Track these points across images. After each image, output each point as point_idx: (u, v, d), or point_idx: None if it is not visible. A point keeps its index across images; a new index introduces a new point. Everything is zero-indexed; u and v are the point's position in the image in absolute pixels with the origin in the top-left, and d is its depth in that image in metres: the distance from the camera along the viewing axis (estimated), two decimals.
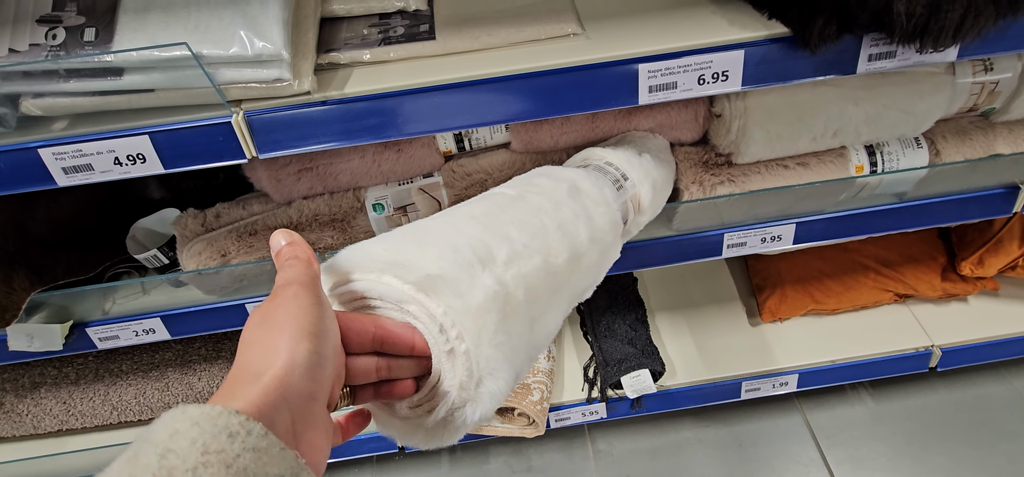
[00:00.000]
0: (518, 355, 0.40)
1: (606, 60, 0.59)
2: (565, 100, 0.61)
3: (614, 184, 0.63)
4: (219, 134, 0.59)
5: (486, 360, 0.37)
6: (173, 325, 0.89)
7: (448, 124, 0.61)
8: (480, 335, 0.37)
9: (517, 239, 0.44)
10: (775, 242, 0.88)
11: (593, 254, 0.51)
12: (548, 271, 0.45)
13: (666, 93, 0.61)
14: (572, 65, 0.59)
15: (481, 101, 0.60)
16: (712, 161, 0.78)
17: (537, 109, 0.61)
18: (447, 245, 0.41)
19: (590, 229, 0.52)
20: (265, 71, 0.55)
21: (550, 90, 0.60)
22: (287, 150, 0.61)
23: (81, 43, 0.53)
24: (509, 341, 0.38)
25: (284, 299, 0.33)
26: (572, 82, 0.60)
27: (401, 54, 0.61)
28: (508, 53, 0.61)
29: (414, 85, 0.59)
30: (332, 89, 0.59)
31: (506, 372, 0.38)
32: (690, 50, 0.59)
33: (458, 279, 0.38)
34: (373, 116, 0.60)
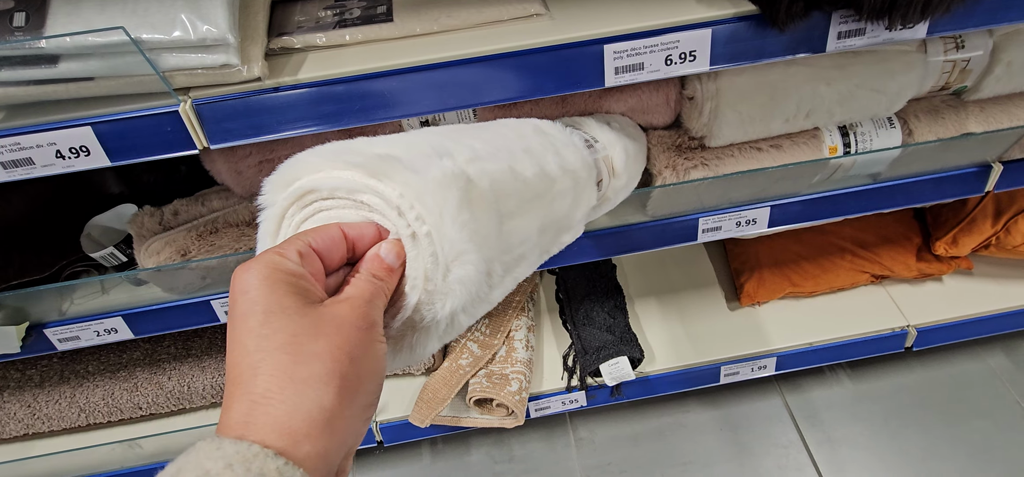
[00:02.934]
0: (488, 244, 0.35)
1: (570, 41, 0.58)
2: (530, 83, 0.59)
3: (584, 142, 0.61)
4: (167, 124, 0.57)
5: (450, 242, 0.33)
6: (136, 324, 0.86)
7: (408, 110, 0.59)
8: (442, 212, 0.33)
9: (479, 148, 0.41)
10: (750, 226, 0.87)
11: (566, 182, 0.48)
12: (515, 177, 0.41)
13: (633, 74, 0.59)
14: (535, 46, 0.57)
15: (442, 85, 0.58)
16: (685, 145, 0.77)
17: (501, 93, 0.59)
18: (402, 141, 0.37)
19: (559, 160, 0.49)
20: (211, 56, 0.52)
21: (514, 73, 0.58)
22: (241, 140, 0.58)
23: (10, 28, 0.49)
24: (474, 223, 0.34)
25: (332, 322, 0.28)
26: (536, 64, 0.58)
27: (358, 37, 0.59)
28: (469, 35, 0.59)
29: (372, 69, 0.57)
30: (285, 75, 0.57)
31: (475, 257, 0.34)
32: (656, 30, 0.58)
33: (412, 160, 0.34)
34: (330, 102, 0.58)
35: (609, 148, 0.64)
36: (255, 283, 0.28)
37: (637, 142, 0.72)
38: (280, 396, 0.26)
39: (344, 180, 0.33)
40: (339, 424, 0.27)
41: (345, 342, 0.28)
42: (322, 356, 0.27)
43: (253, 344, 0.27)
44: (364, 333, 0.29)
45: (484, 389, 1.02)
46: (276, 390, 0.26)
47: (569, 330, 1.14)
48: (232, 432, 0.25)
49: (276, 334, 0.27)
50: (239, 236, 0.76)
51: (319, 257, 0.31)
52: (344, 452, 0.28)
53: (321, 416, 0.26)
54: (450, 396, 1.02)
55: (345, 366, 0.28)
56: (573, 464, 1.17)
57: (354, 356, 0.28)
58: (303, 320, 0.28)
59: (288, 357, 0.27)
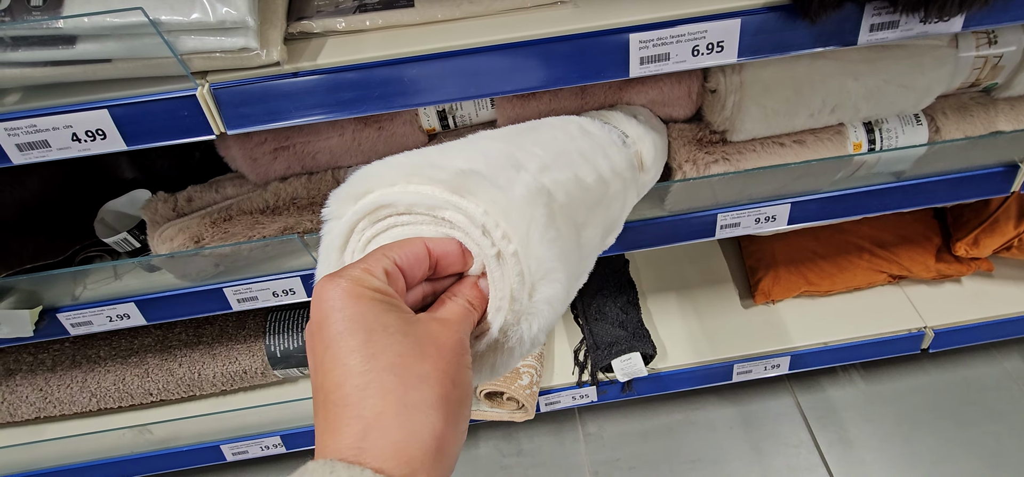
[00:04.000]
0: (570, 259, 0.34)
1: (595, 29, 0.56)
2: (552, 72, 0.58)
3: (620, 139, 0.60)
4: (184, 108, 0.56)
5: (537, 261, 0.31)
6: (149, 310, 0.85)
7: (428, 98, 0.58)
8: (529, 231, 0.31)
9: (543, 155, 0.40)
10: (769, 223, 0.85)
11: (617, 184, 0.47)
12: (581, 185, 0.40)
13: (658, 65, 0.58)
14: (559, 35, 0.56)
15: (463, 73, 0.57)
16: (706, 139, 0.75)
17: (523, 82, 0.58)
18: (476, 151, 0.36)
19: (609, 162, 0.48)
20: (230, 39, 0.51)
21: (537, 61, 0.57)
22: (258, 125, 0.58)
23: (28, 8, 0.49)
24: (560, 240, 0.33)
25: (434, 343, 0.27)
26: (560, 53, 0.57)
27: (377, 22, 0.58)
28: (491, 22, 0.58)
29: (392, 56, 0.56)
30: (304, 60, 0.56)
31: (562, 274, 0.32)
32: (683, 19, 0.56)
33: (495, 175, 0.32)
34: (349, 89, 0.57)
35: (639, 142, 0.63)
36: (349, 300, 0.26)
37: (661, 135, 0.71)
38: (395, 422, 0.24)
39: (424, 196, 0.31)
40: (447, 450, 0.26)
41: (448, 365, 0.27)
42: (430, 379, 0.26)
43: (359, 364, 0.25)
44: (461, 357, 0.28)
45: (495, 382, 1.02)
46: (391, 414, 0.25)
47: (580, 324, 1.13)
48: (344, 456, 0.24)
49: (383, 353, 0.26)
50: (253, 224, 0.75)
51: (403, 274, 0.30)
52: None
53: (434, 443, 0.25)
54: None
55: (449, 389, 0.27)
56: (582, 459, 1.16)
57: (456, 380, 0.27)
58: (407, 340, 0.26)
59: (397, 379, 0.25)
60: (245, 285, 0.84)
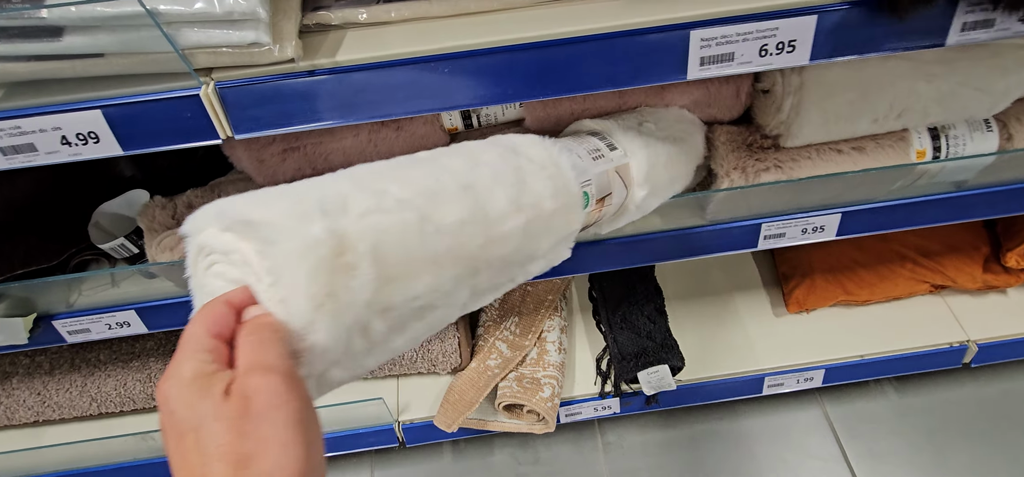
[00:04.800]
0: (352, 310, 0.35)
1: (650, 25, 0.50)
2: (600, 73, 0.51)
3: (592, 153, 0.56)
4: (186, 109, 0.49)
5: (299, 314, 0.33)
6: (150, 318, 0.80)
7: (458, 101, 0.51)
8: (294, 284, 0.33)
9: (392, 195, 0.40)
10: (817, 233, 0.79)
11: (516, 220, 0.45)
12: (423, 230, 0.40)
13: (720, 67, 0.51)
14: (608, 31, 0.49)
15: (498, 73, 0.50)
16: (756, 143, 0.69)
17: (565, 84, 0.51)
18: (293, 195, 0.37)
19: (517, 193, 0.46)
20: (239, 33, 0.45)
21: (582, 62, 0.50)
22: (269, 129, 0.51)
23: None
24: (331, 297, 0.34)
25: (267, 403, 0.28)
26: (608, 52, 0.50)
27: (404, 13, 0.51)
28: (532, 15, 0.51)
29: (420, 53, 0.49)
30: (321, 56, 0.49)
31: (326, 325, 0.33)
32: (752, 14, 0.49)
33: (282, 224, 0.34)
34: (372, 90, 0.50)
35: (629, 155, 0.58)
36: (182, 396, 0.28)
37: (679, 144, 0.64)
38: None
39: (223, 242, 0.34)
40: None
41: (267, 422, 0.28)
42: (256, 454, 0.27)
43: (196, 461, 0.27)
44: (281, 396, 0.29)
45: (515, 394, 0.97)
46: None
47: (603, 332, 1.07)
48: None
49: (209, 447, 0.27)
50: None
51: (220, 337, 0.32)
52: None
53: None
54: (478, 400, 0.97)
55: (280, 436, 0.28)
56: (601, 469, 1.11)
57: (279, 422, 0.28)
58: (221, 424, 0.27)
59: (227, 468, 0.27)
60: None
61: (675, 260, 0.81)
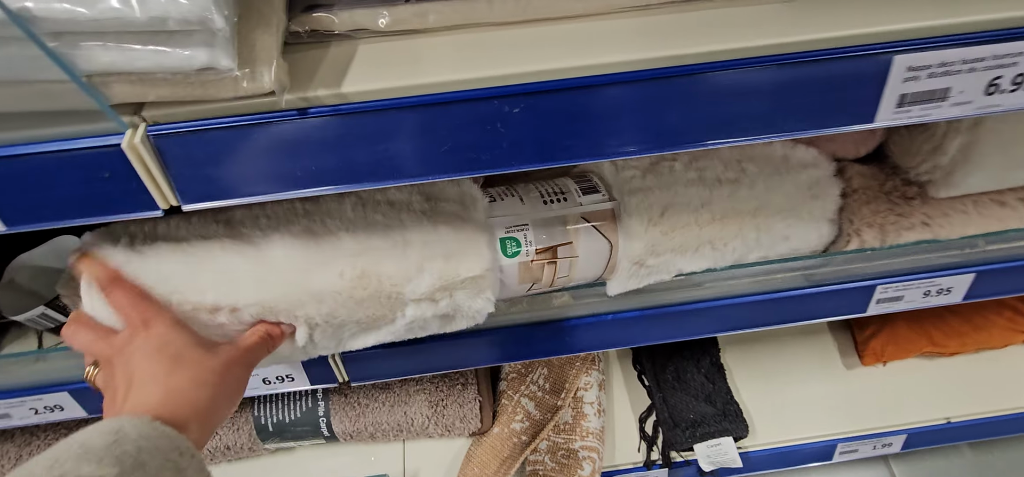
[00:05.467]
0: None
1: (832, 44, 0.32)
2: (752, 115, 0.34)
3: (548, 195, 0.51)
4: (103, 166, 0.31)
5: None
6: (91, 401, 0.62)
7: (541, 155, 0.33)
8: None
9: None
10: (941, 296, 0.63)
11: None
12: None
13: (924, 109, 0.34)
14: (768, 51, 0.32)
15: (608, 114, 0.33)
16: (897, 192, 0.52)
17: (698, 132, 0.34)
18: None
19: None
20: (182, 52, 0.26)
21: (725, 99, 0.33)
22: (236, 197, 0.33)
23: None
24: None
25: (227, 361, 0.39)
26: (765, 83, 0.33)
27: (444, 18, 0.33)
28: (638, 24, 0.33)
29: (475, 82, 0.31)
30: (317, 86, 0.31)
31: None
32: (988, 32, 0.32)
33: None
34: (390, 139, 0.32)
35: (618, 202, 0.50)
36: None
37: (742, 192, 0.51)
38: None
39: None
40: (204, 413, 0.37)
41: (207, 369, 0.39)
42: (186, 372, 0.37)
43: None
44: (227, 364, 0.39)
45: (548, 471, 0.80)
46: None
47: (649, 389, 0.91)
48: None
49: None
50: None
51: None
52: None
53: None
54: (504, 473, 0.80)
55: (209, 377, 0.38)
56: None
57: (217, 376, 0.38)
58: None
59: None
60: None
61: (755, 329, 0.64)
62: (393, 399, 0.84)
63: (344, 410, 0.83)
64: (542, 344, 0.61)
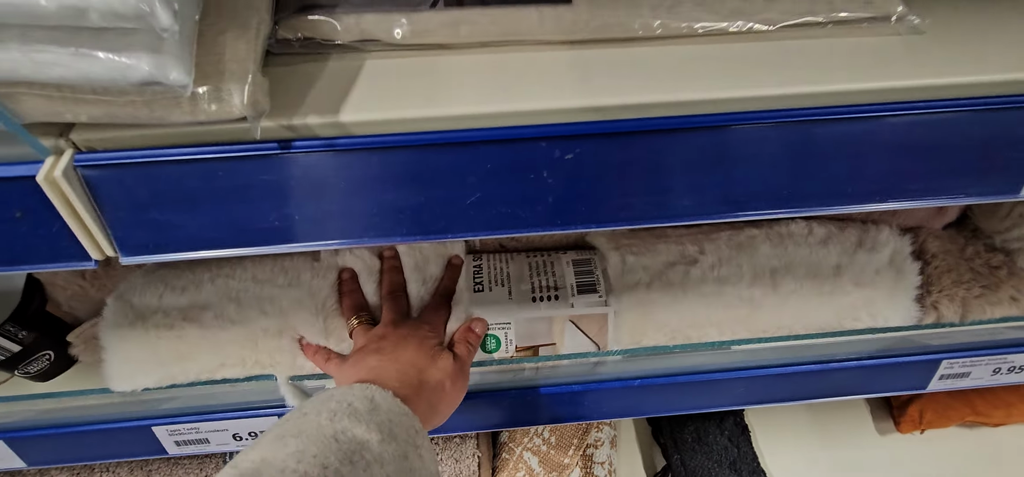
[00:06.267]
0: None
1: (976, 90, 0.25)
2: (863, 175, 0.26)
3: (540, 290, 0.47)
4: (11, 203, 0.23)
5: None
6: (26, 449, 0.53)
7: (590, 216, 0.26)
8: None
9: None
10: (1013, 374, 0.56)
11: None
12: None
13: None
14: (899, 97, 0.24)
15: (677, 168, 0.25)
16: (980, 260, 0.45)
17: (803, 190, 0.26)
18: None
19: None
20: (115, 58, 0.18)
21: (837, 152, 0.25)
22: (185, 252, 0.25)
23: None
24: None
25: (445, 377, 0.41)
26: (891, 137, 0.25)
27: (484, 32, 0.25)
28: (740, 51, 0.26)
29: (531, 117, 0.24)
30: (308, 111, 0.23)
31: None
32: None
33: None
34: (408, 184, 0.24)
35: (612, 307, 0.46)
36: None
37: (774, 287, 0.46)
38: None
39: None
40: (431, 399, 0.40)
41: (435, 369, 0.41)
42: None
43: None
44: (451, 373, 0.42)
45: None
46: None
47: (664, 445, 0.82)
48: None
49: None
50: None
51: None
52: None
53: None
54: None
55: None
56: None
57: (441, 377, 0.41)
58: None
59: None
60: (188, 423, 0.51)
61: (814, 400, 0.57)
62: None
63: None
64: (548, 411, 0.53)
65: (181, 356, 0.44)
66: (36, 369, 0.52)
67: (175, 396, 0.50)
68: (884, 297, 0.45)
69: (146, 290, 0.45)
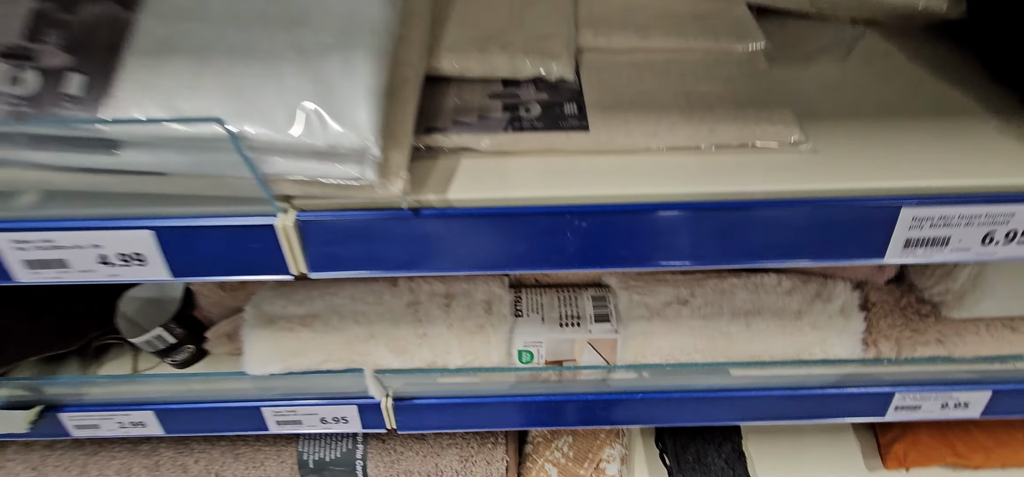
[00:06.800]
0: None
1: (849, 193, 0.39)
2: (775, 245, 0.40)
3: (564, 318, 0.61)
4: (255, 239, 0.40)
5: None
6: (169, 421, 0.69)
7: (597, 262, 0.41)
8: None
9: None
10: (959, 409, 0.66)
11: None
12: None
13: (928, 252, 0.40)
14: (796, 196, 0.39)
15: (651, 235, 0.40)
16: (912, 309, 0.57)
17: (731, 253, 0.41)
18: None
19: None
20: (340, 167, 0.35)
21: (757, 230, 0.40)
22: (352, 270, 0.41)
23: (61, 96, 0.33)
24: None
25: None
26: (791, 222, 0.40)
27: (536, 145, 0.41)
28: (692, 164, 0.41)
29: (555, 200, 0.39)
30: (429, 191, 0.39)
31: None
32: (982, 194, 0.39)
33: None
34: (483, 237, 0.40)
35: (620, 334, 0.60)
36: None
37: (745, 327, 0.60)
38: None
39: None
40: None
41: None
42: None
43: None
44: None
45: None
46: None
47: (669, 467, 0.93)
48: None
49: None
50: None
51: None
52: None
53: None
54: None
55: None
56: None
57: None
58: None
59: None
60: (288, 407, 0.67)
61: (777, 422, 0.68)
62: (426, 450, 0.89)
63: (380, 455, 0.88)
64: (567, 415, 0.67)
65: (297, 352, 0.60)
66: (181, 358, 0.69)
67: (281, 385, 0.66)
68: (834, 337, 0.57)
69: (274, 301, 0.62)
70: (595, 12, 0.48)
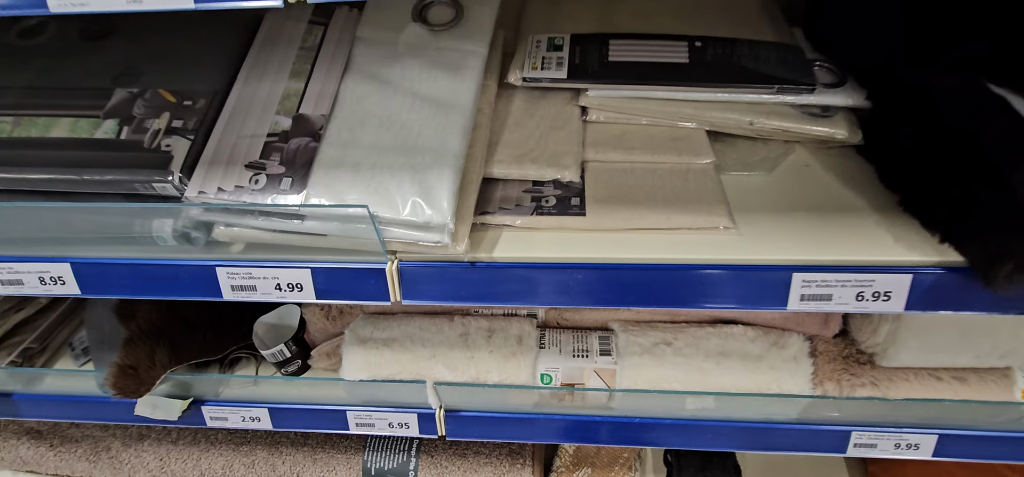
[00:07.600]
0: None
1: (758, 263, 0.58)
2: (709, 295, 0.60)
3: (576, 351, 0.80)
4: (371, 278, 0.63)
5: None
6: (278, 418, 0.92)
7: (587, 301, 0.61)
8: None
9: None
10: (911, 450, 0.79)
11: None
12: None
13: (818, 304, 0.58)
14: (722, 263, 0.59)
15: (624, 284, 0.60)
16: (853, 357, 0.73)
17: (680, 299, 0.60)
18: None
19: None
20: (429, 235, 0.58)
21: (696, 284, 0.60)
22: (430, 301, 0.64)
23: (278, 190, 0.59)
24: None
25: None
26: (719, 280, 0.59)
27: (551, 224, 0.63)
28: (657, 239, 0.62)
29: (561, 259, 0.61)
30: (481, 251, 0.62)
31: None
32: (851, 266, 0.57)
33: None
34: (515, 282, 0.62)
35: (619, 366, 0.77)
36: None
37: (714, 365, 0.76)
38: None
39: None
40: None
41: None
42: None
43: None
44: None
45: None
46: None
47: None
48: None
49: None
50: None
51: None
52: None
53: None
54: None
55: None
56: None
57: None
58: None
59: None
60: (365, 412, 0.89)
61: (762, 451, 0.83)
62: (466, 466, 1.08)
63: (429, 468, 1.08)
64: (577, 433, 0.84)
65: (379, 365, 0.82)
66: (291, 370, 0.93)
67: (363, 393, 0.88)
68: (788, 377, 0.73)
69: (365, 327, 0.85)
70: (597, 137, 0.72)
